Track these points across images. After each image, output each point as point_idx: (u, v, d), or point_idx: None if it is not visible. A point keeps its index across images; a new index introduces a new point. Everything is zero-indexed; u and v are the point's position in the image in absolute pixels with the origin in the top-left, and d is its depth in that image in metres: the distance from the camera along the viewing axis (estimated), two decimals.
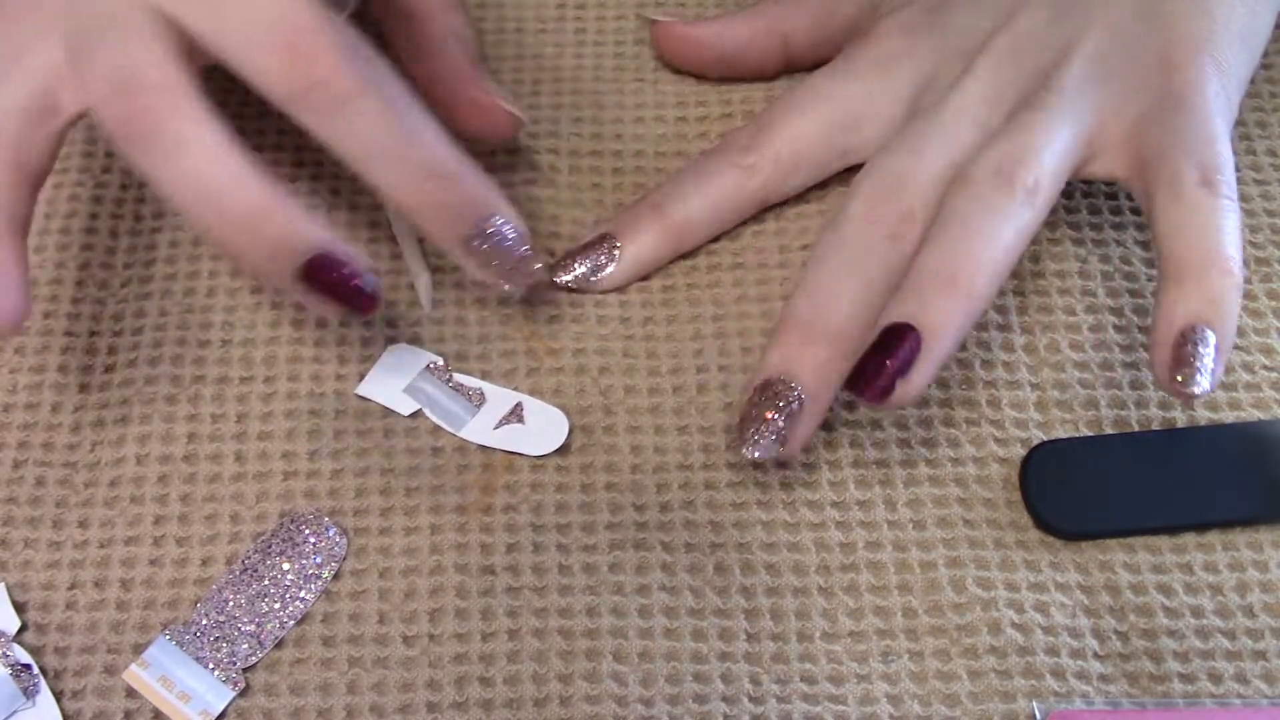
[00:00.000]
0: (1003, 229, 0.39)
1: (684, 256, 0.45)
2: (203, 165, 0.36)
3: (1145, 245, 0.45)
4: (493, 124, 0.44)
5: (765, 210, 0.46)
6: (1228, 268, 0.38)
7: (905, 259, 0.40)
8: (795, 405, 0.39)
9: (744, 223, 0.46)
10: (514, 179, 0.47)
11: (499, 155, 0.47)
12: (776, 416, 0.39)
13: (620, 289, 0.45)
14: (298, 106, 0.37)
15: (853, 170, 0.45)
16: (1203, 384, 0.37)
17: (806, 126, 0.44)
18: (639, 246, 0.44)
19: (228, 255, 0.41)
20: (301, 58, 0.36)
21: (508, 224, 0.40)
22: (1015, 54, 0.42)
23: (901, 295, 0.38)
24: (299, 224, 0.37)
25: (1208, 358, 0.37)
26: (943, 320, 0.38)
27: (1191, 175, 0.39)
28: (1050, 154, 0.40)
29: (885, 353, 0.37)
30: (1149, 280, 0.45)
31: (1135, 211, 0.46)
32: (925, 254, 0.39)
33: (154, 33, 0.37)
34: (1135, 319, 0.44)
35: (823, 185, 0.46)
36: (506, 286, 0.41)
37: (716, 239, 0.45)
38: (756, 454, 0.39)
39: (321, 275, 0.37)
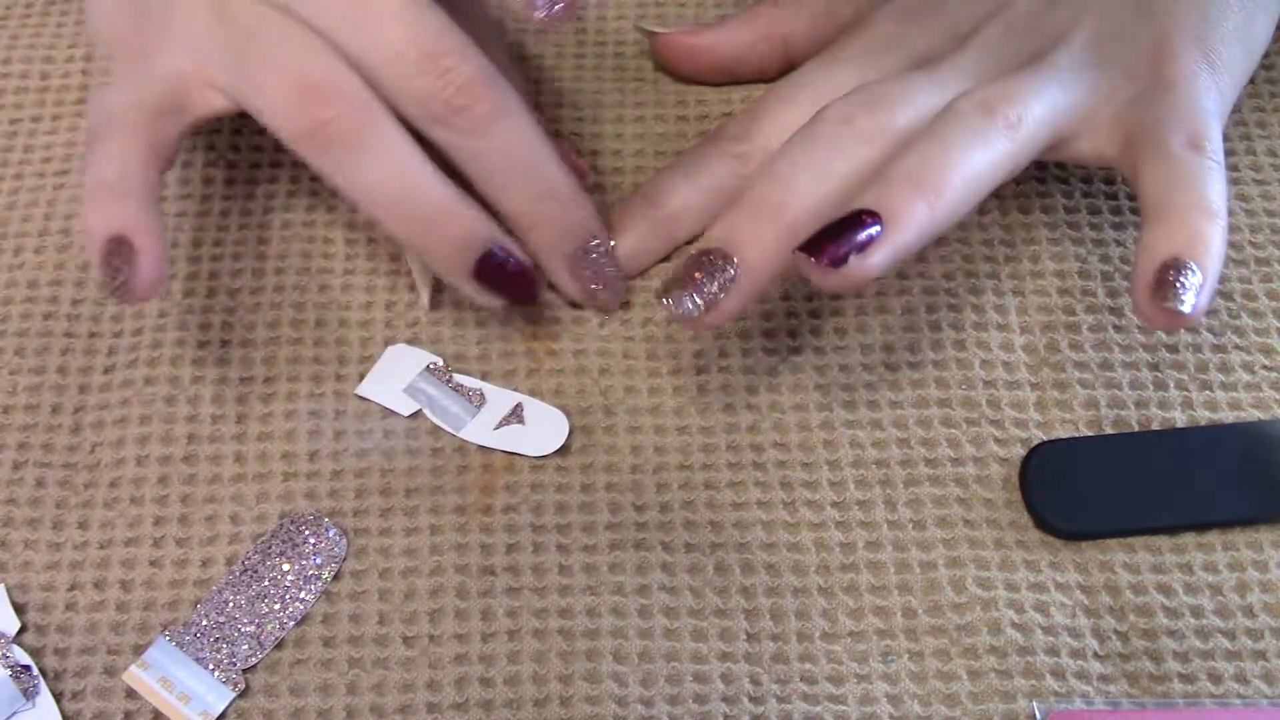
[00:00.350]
0: (978, 149, 0.39)
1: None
2: (392, 171, 0.39)
3: None
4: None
5: None
6: (1212, 211, 0.38)
7: (870, 165, 0.39)
8: (729, 274, 0.38)
9: None
10: None
11: None
12: (705, 280, 0.38)
13: None
14: (439, 125, 0.39)
15: None
16: (1186, 304, 0.37)
17: (797, 115, 0.44)
18: (633, 239, 0.44)
19: (411, 250, 0.44)
20: (449, 82, 0.39)
21: (605, 246, 0.43)
22: (1009, 36, 0.42)
23: (869, 189, 0.38)
24: (477, 223, 0.40)
25: (1192, 285, 0.37)
26: (906, 213, 0.37)
27: (1178, 138, 0.39)
28: (1038, 102, 0.40)
29: (847, 227, 0.37)
30: None
31: (1135, 211, 0.46)
32: (897, 158, 0.39)
33: (320, 44, 0.39)
34: (1135, 319, 0.44)
35: None
36: (597, 301, 0.43)
37: None
38: (674, 309, 0.38)
39: (494, 269, 0.40)
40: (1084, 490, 0.40)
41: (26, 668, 0.38)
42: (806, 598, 0.39)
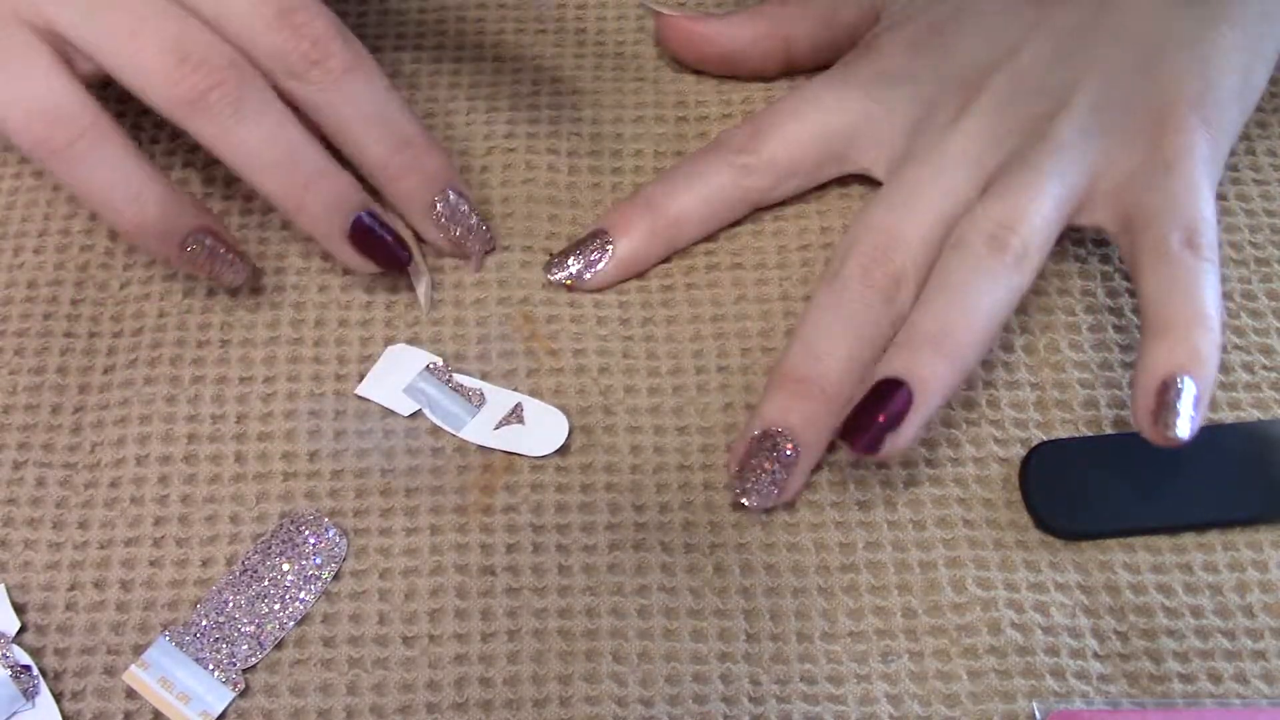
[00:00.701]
0: (993, 292, 0.40)
1: (683, 257, 0.45)
2: (270, 134, 0.40)
3: None
4: None
5: (763, 211, 0.46)
6: (1209, 325, 0.39)
7: (898, 317, 0.41)
8: (791, 456, 0.40)
9: (742, 223, 0.46)
10: (514, 179, 0.47)
11: (497, 155, 0.47)
12: (774, 467, 0.40)
13: (615, 286, 0.45)
14: (296, 80, 0.40)
15: (848, 175, 0.45)
16: (1183, 430, 0.38)
17: (803, 133, 0.44)
18: (631, 243, 0.44)
19: (288, 214, 0.42)
20: (303, 36, 0.40)
21: (465, 193, 0.44)
22: (1014, 96, 0.43)
23: (895, 352, 0.39)
24: (351, 187, 0.41)
25: (1189, 405, 0.38)
26: (933, 377, 0.38)
27: (1176, 238, 0.40)
28: (1041, 218, 0.41)
29: (877, 406, 0.38)
30: None
31: None
32: (919, 314, 0.40)
33: (182, 9, 0.39)
34: (1135, 319, 0.44)
35: (820, 189, 0.46)
36: (464, 249, 0.44)
37: (715, 239, 0.45)
38: (755, 503, 0.40)
39: (366, 233, 0.42)
40: (1084, 490, 0.40)
41: (26, 668, 0.38)
42: (806, 598, 0.39)
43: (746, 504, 0.40)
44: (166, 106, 0.39)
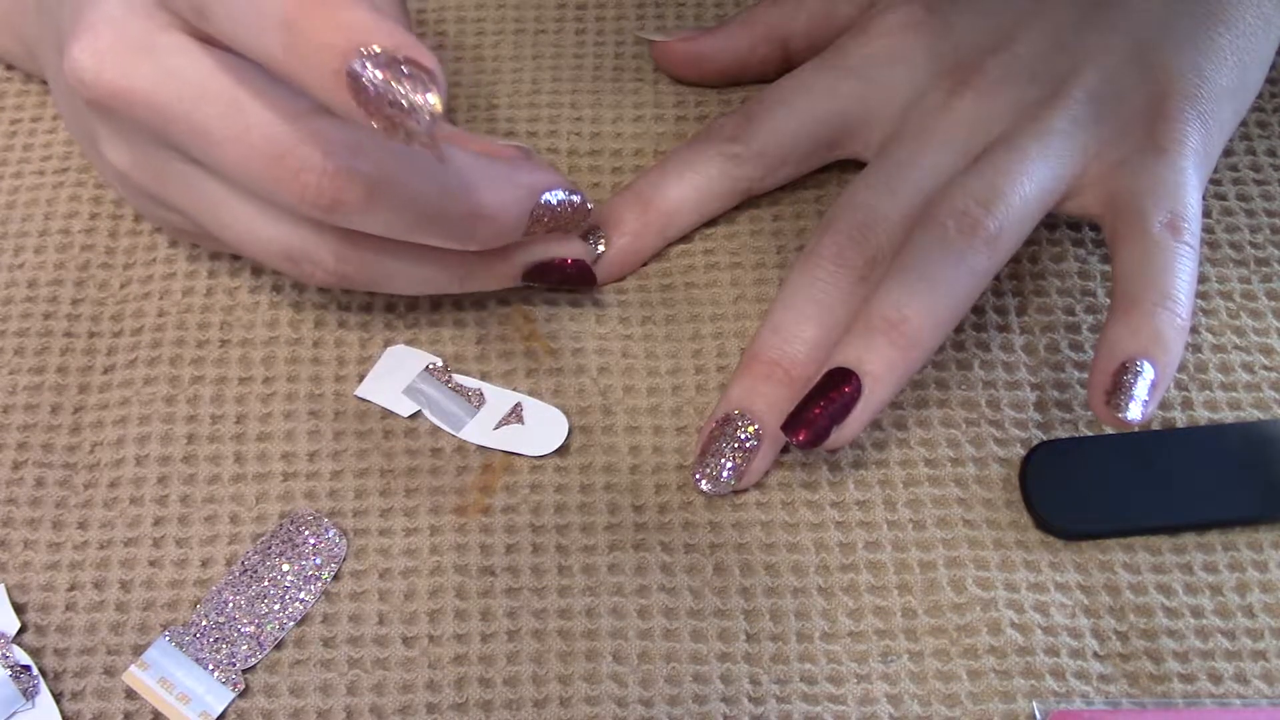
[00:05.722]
0: (959, 276, 0.39)
1: (683, 256, 0.45)
2: None
3: None
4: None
5: (763, 209, 0.46)
6: (1176, 310, 0.39)
7: (864, 297, 0.40)
8: (752, 442, 0.40)
9: (742, 222, 0.46)
10: None
11: None
12: (734, 452, 0.40)
13: (614, 285, 0.45)
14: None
15: (847, 163, 0.45)
16: (1135, 412, 0.38)
17: (794, 121, 0.44)
18: (624, 236, 0.44)
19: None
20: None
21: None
22: (1007, 81, 0.42)
23: (849, 339, 0.39)
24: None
25: (1143, 389, 0.38)
26: (885, 369, 0.38)
27: (1159, 218, 0.40)
28: (1020, 198, 0.40)
29: (823, 399, 0.38)
30: None
31: None
32: (878, 297, 0.39)
33: None
34: None
35: (820, 184, 0.46)
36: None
37: (714, 239, 0.45)
38: (712, 489, 0.40)
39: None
40: (1084, 490, 0.40)
41: (26, 668, 0.38)
42: (806, 598, 0.39)
43: (704, 489, 0.40)
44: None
